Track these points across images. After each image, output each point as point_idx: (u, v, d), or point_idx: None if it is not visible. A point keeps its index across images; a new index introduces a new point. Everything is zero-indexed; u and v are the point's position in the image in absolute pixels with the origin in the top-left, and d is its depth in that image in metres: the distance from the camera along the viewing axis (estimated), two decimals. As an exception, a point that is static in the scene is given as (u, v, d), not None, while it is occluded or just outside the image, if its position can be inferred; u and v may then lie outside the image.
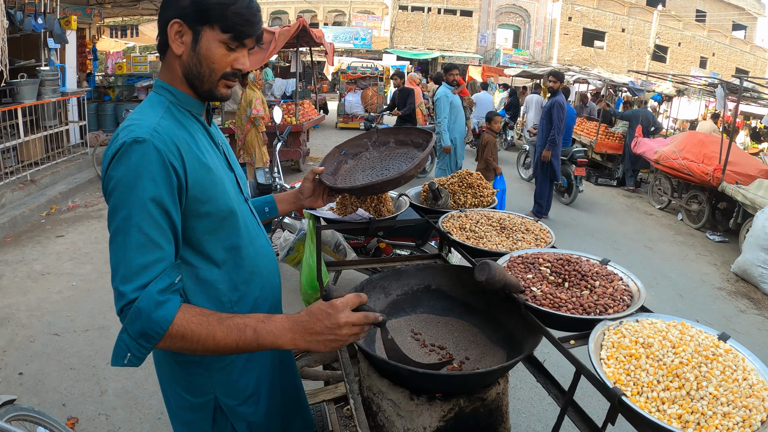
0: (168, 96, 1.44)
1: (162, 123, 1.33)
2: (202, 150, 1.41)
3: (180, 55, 1.39)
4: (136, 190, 1.23)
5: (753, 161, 9.23)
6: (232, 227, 1.46)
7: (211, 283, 1.44)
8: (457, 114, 8.04)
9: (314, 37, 10.76)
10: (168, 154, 1.28)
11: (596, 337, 1.27)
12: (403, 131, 2.19)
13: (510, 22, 37.01)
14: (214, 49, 1.37)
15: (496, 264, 1.27)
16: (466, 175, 2.36)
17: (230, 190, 1.48)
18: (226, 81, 1.44)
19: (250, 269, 1.53)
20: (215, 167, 1.43)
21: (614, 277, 1.54)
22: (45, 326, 4.50)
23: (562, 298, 1.38)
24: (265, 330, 1.27)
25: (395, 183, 1.82)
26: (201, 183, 1.36)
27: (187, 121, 1.43)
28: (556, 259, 1.57)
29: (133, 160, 1.24)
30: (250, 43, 1.42)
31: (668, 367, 1.19)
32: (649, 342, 1.24)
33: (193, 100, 1.46)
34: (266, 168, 5.04)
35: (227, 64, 1.40)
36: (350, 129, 17.08)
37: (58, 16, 9.13)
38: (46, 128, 8.80)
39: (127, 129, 1.30)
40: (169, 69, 1.43)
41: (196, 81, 1.41)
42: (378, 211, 2.22)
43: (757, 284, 6.68)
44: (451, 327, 1.92)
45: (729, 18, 39.80)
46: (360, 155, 2.18)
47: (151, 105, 1.41)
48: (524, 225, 1.97)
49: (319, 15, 36.33)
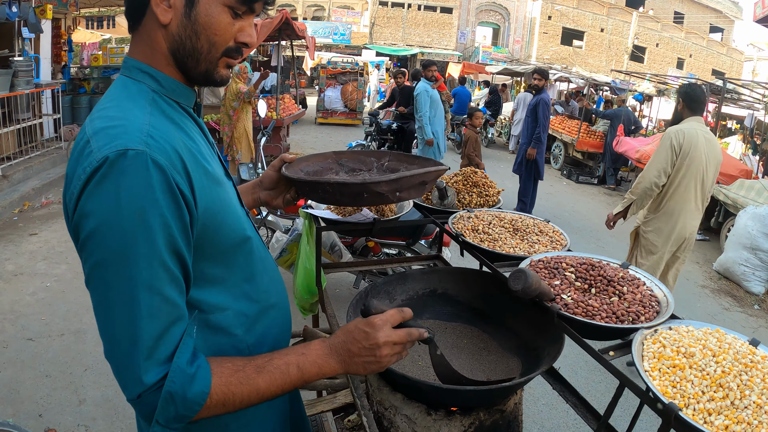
0: (149, 82, 1.07)
1: (154, 123, 0.98)
2: (206, 157, 1.09)
3: (166, 23, 1.03)
4: (140, 232, 0.89)
5: (734, 161, 9.34)
6: (245, 255, 1.17)
7: (225, 329, 1.13)
8: (436, 108, 8.21)
9: (297, 30, 10.62)
10: (172, 172, 0.94)
11: (637, 346, 1.20)
12: (419, 162, 1.72)
13: (490, 19, 37.12)
14: (216, 16, 1.04)
15: (531, 272, 1.20)
16: (470, 173, 2.28)
17: (239, 208, 1.18)
18: (228, 59, 1.10)
19: (266, 303, 1.24)
20: (222, 179, 1.13)
21: (639, 282, 1.48)
22: (18, 330, 4.30)
23: (594, 306, 1.31)
24: (308, 363, 1.07)
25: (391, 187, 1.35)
26: (212, 205, 1.04)
27: (179, 118, 1.09)
28: (579, 264, 1.50)
29: (124, 186, 0.89)
30: (258, 9, 1.11)
31: (711, 377, 1.14)
32: (691, 352, 1.18)
33: (183, 86, 1.12)
34: (250, 164, 4.91)
35: (232, 35, 1.08)
36: (330, 125, 16.95)
37: (33, 4, 8.87)
38: (18, 121, 8.50)
39: (106, 134, 0.93)
40: (148, 44, 1.07)
41: (189, 60, 1.07)
42: (381, 210, 2.13)
43: (740, 282, 6.75)
44: (460, 333, 1.84)
45: (706, 20, 40.42)
46: (357, 173, 1.74)
47: (130, 96, 1.04)
48: (537, 227, 1.90)
49: (299, 10, 36.02)
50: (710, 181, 4.23)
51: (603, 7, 36.46)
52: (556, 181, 12.20)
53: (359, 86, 17.08)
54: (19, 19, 8.47)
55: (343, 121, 17.17)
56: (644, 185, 4.21)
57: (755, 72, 38.36)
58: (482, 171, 2.31)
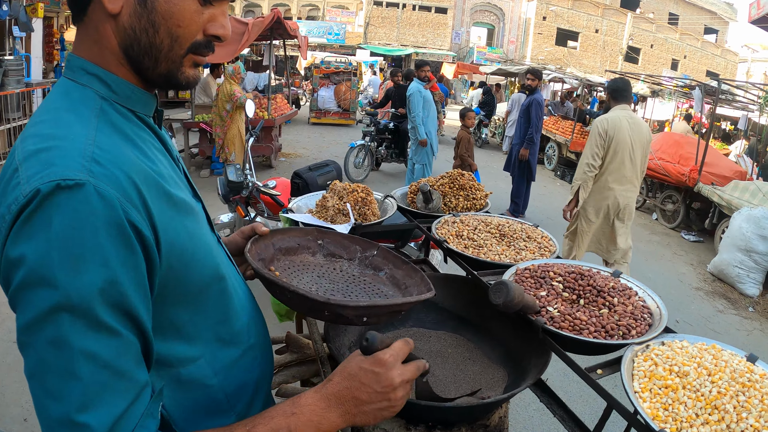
0: (97, 86, 0.86)
1: (102, 141, 0.78)
2: (168, 181, 0.87)
3: (116, 13, 0.83)
4: (75, 288, 0.69)
5: (728, 163, 9.31)
6: (219, 295, 0.98)
7: (199, 383, 0.94)
8: (429, 109, 8.13)
9: (288, 30, 10.52)
10: (125, 206, 0.74)
11: (626, 364, 1.12)
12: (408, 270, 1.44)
13: (484, 20, 37.12)
14: (179, 2, 0.84)
15: (514, 284, 1.11)
16: (457, 175, 2.20)
17: (210, 236, 0.99)
18: (195, 57, 0.90)
19: (244, 345, 1.05)
20: (190, 205, 0.92)
21: (630, 292, 1.40)
22: (4, 333, 4.20)
23: (582, 320, 1.23)
24: (302, 423, 0.86)
25: (358, 312, 1.12)
26: (178, 241, 0.84)
27: (134, 131, 0.87)
28: (567, 273, 1.42)
29: (58, 227, 0.69)
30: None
31: (706, 399, 1.06)
32: (685, 371, 1.10)
33: (140, 91, 0.90)
34: (237, 164, 4.82)
35: (200, 26, 0.88)
36: (323, 125, 16.85)
37: (23, 3, 8.76)
38: (9, 120, 8.40)
39: (37, 160, 0.73)
40: (95, 39, 0.86)
41: (146, 58, 0.86)
42: (363, 215, 2.05)
43: (734, 284, 6.70)
44: (445, 342, 1.76)
45: (701, 21, 40.52)
46: (335, 259, 1.50)
47: (71, 105, 0.83)
48: (525, 232, 1.82)
49: (293, 9, 35.90)
50: (639, 157, 4.86)
51: (598, 8, 36.49)
52: (549, 182, 12.15)
53: (353, 86, 16.99)
54: (9, 18, 8.37)
55: (337, 121, 17.08)
56: (583, 169, 4.89)
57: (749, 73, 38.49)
58: (469, 173, 2.23)
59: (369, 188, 2.18)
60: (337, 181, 2.21)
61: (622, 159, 4.79)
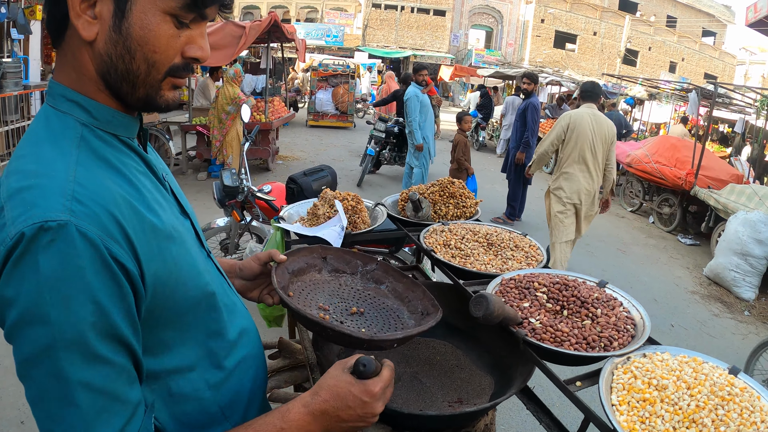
0: (78, 113, 0.86)
1: (81, 176, 0.79)
2: (152, 206, 0.88)
3: (92, 40, 0.82)
4: (67, 325, 0.73)
5: (725, 166, 9.31)
6: (208, 311, 0.99)
7: (190, 396, 0.96)
8: (426, 113, 8.10)
9: (286, 33, 10.53)
10: (108, 243, 0.76)
11: (605, 377, 1.13)
12: (409, 284, 1.54)
13: (483, 22, 37.18)
14: (155, 27, 0.83)
15: (494, 297, 1.12)
16: (447, 183, 2.21)
17: (196, 255, 0.99)
18: (174, 79, 0.90)
19: (236, 357, 1.06)
20: (175, 230, 0.92)
21: (615, 302, 1.41)
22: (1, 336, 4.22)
23: (563, 331, 1.23)
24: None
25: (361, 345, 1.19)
26: (163, 269, 0.86)
27: (118, 156, 0.88)
28: (552, 283, 1.43)
29: (45, 269, 0.72)
30: (211, 14, 0.89)
31: (684, 412, 1.07)
32: (664, 384, 1.11)
33: (121, 115, 0.90)
34: (233, 169, 4.82)
35: (177, 50, 0.87)
36: (321, 127, 16.87)
37: (22, 5, 8.74)
38: (7, 123, 8.38)
39: (20, 200, 0.75)
40: (73, 65, 0.86)
41: (123, 84, 0.86)
42: (353, 223, 2.06)
43: (730, 288, 6.71)
44: (434, 350, 1.78)
45: (699, 24, 40.59)
46: (339, 274, 1.59)
47: (52, 136, 0.83)
48: (513, 241, 1.83)
49: (292, 11, 35.94)
50: (600, 150, 5.45)
51: (596, 10, 36.56)
52: (546, 185, 12.15)
53: (350, 89, 17.00)
54: (7, 20, 8.35)
55: (334, 123, 17.09)
56: (541, 151, 5.79)
57: (747, 76, 38.60)
58: (459, 182, 2.23)
59: (359, 196, 2.20)
60: (327, 190, 2.23)
61: (583, 149, 5.40)
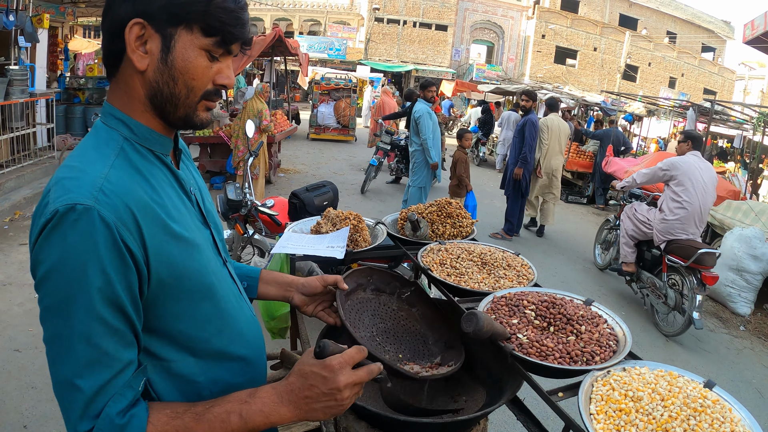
0: (122, 130, 1.07)
1: (112, 176, 0.98)
2: (170, 211, 1.06)
3: (143, 70, 1.04)
4: (79, 286, 0.92)
5: (722, 182, 9.38)
6: (211, 306, 1.13)
7: (187, 378, 1.11)
8: (435, 131, 7.86)
9: (289, 48, 10.71)
10: (120, 228, 0.94)
11: (585, 389, 1.23)
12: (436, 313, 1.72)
13: (484, 37, 37.46)
14: (193, 60, 1.05)
15: (483, 315, 1.22)
16: (444, 204, 2.31)
17: (208, 258, 1.15)
18: (207, 102, 1.11)
19: (235, 354, 1.20)
20: (189, 233, 1.09)
21: (599, 320, 1.51)
22: (5, 341, 4.29)
23: (549, 346, 1.33)
24: (252, 411, 1.03)
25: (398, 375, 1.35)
26: (168, 261, 1.03)
27: (148, 168, 1.08)
28: (540, 301, 1.53)
29: (70, 240, 0.91)
30: (235, 50, 1.11)
31: (657, 422, 1.16)
32: (639, 396, 1.20)
33: (157, 135, 1.11)
34: (237, 183, 4.93)
35: (210, 78, 1.08)
36: (323, 140, 16.99)
37: (30, 13, 8.86)
38: (12, 130, 8.49)
39: (62, 186, 0.95)
40: (125, 90, 1.08)
41: (167, 105, 1.07)
42: (355, 241, 2.16)
43: (726, 303, 6.77)
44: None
45: (699, 40, 40.84)
46: (379, 294, 1.74)
47: (97, 144, 1.05)
48: (506, 260, 1.93)
49: (295, 24, 36.26)
50: (563, 141, 8.89)
51: (596, 26, 36.83)
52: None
53: (352, 102, 17.13)
54: (16, 28, 8.47)
55: (336, 137, 17.20)
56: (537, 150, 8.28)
57: (747, 91, 38.76)
58: (456, 202, 2.33)
59: (360, 216, 2.30)
60: (330, 209, 2.34)
61: (553, 143, 8.62)
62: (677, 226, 5.62)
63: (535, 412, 1.68)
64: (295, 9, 36.27)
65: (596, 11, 37.95)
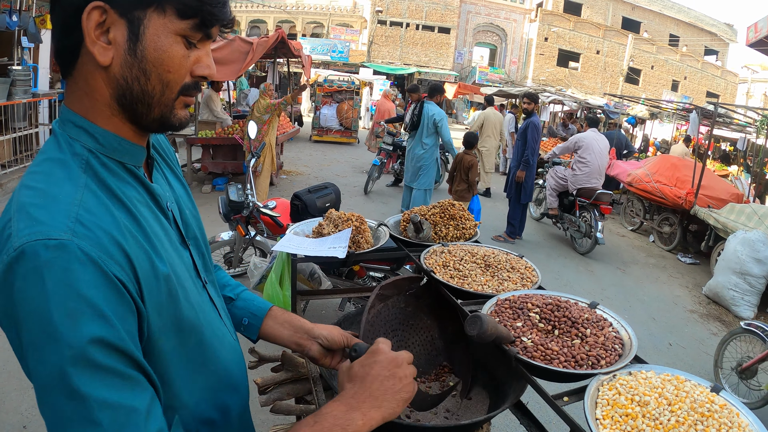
0: (85, 140, 0.87)
1: (86, 202, 0.80)
2: (153, 242, 0.89)
3: (107, 65, 0.84)
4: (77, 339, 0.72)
5: (725, 185, 9.37)
6: (193, 342, 0.98)
7: (174, 406, 0.96)
8: None
9: (292, 49, 10.69)
10: (108, 263, 0.77)
11: (591, 393, 1.21)
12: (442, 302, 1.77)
13: (487, 40, 37.50)
14: (168, 48, 0.85)
15: (487, 317, 1.21)
16: (448, 205, 2.29)
17: (189, 291, 0.98)
18: (185, 98, 0.92)
19: (215, 389, 1.05)
20: (171, 266, 0.92)
21: (604, 323, 1.49)
22: (5, 341, 4.24)
23: (553, 350, 1.31)
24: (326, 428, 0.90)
25: None
26: (158, 301, 0.87)
27: (120, 186, 0.88)
28: (545, 304, 1.51)
29: (50, 286, 0.72)
30: (215, 34, 0.92)
31: (664, 427, 1.14)
32: (646, 400, 1.18)
33: (128, 143, 0.91)
34: (239, 185, 4.92)
35: (188, 69, 0.90)
36: (325, 143, 16.99)
37: (33, 14, 8.86)
38: (15, 130, 8.50)
39: (27, 214, 0.77)
40: (86, 91, 0.88)
41: (139, 106, 0.88)
42: (357, 242, 2.15)
43: (729, 307, 6.75)
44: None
45: (701, 43, 40.80)
46: (388, 300, 1.75)
47: (61, 160, 0.85)
48: (509, 263, 1.91)
49: (298, 26, 36.31)
50: (498, 130, 11.70)
51: (599, 29, 36.83)
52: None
53: (355, 105, 17.14)
54: (19, 29, 8.47)
55: (338, 139, 17.22)
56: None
57: (750, 94, 38.67)
58: (459, 204, 2.32)
59: (363, 217, 2.29)
60: (332, 210, 2.32)
61: (489, 130, 11.51)
62: (583, 179, 8.29)
63: (538, 416, 1.67)
64: (298, 11, 36.34)
65: (599, 14, 37.93)
